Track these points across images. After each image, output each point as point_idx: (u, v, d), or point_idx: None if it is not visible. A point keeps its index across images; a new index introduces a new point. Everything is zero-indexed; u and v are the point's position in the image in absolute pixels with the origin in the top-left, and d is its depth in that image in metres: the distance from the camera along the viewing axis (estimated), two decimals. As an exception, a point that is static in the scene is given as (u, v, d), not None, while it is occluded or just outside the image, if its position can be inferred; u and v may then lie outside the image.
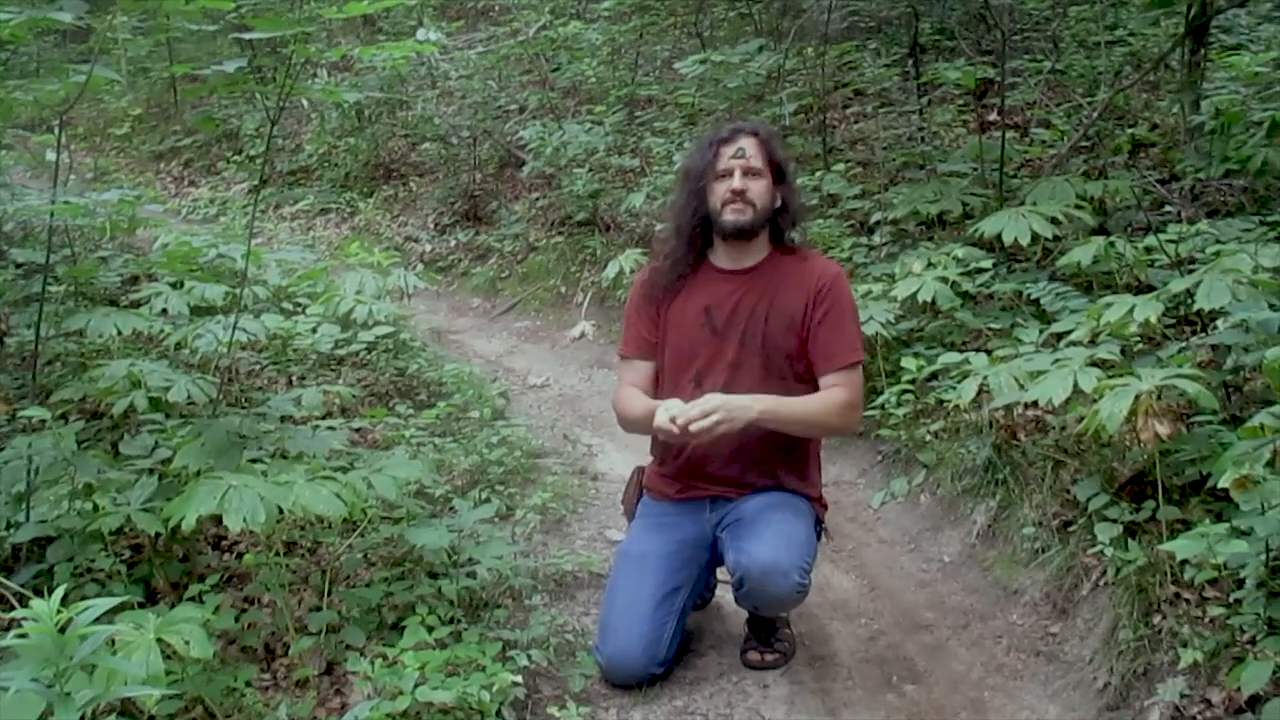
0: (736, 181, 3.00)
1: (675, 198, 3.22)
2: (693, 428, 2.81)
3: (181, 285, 4.54)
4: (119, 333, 3.99)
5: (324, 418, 4.31)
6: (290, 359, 5.18)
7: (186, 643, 2.40)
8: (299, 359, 5.18)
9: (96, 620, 1.83)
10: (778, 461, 3.09)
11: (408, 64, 8.94)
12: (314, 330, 5.19)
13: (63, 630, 1.79)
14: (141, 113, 11.86)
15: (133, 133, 11.83)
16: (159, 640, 2.37)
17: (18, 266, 5.21)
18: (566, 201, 7.55)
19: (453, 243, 8.29)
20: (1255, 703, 2.37)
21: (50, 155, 6.06)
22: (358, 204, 9.08)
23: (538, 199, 8.09)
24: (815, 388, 3.09)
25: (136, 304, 4.56)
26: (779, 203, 3.09)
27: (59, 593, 1.80)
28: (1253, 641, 2.50)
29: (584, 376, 6.10)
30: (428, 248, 8.35)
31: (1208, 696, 2.52)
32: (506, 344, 6.82)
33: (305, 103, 9.96)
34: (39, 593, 2.79)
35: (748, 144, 3.04)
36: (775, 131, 3.23)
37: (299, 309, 5.56)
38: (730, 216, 3.03)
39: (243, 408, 4.09)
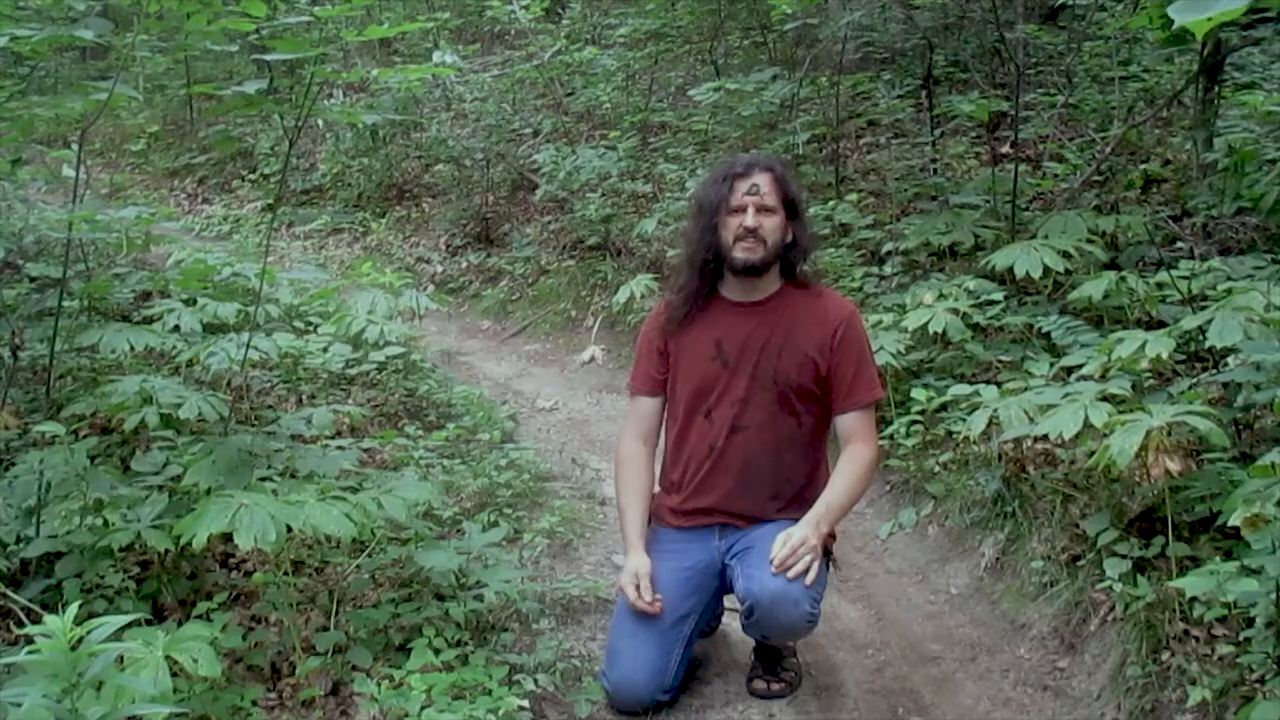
0: (749, 219, 3.01)
1: (688, 229, 3.23)
2: (790, 573, 2.85)
3: (195, 302, 4.56)
4: (132, 349, 4.01)
5: (334, 437, 4.32)
6: (301, 378, 5.20)
7: (195, 661, 2.40)
8: (310, 378, 5.19)
9: (107, 637, 1.84)
10: (786, 493, 3.10)
11: (423, 86, 9.00)
12: (325, 350, 5.20)
13: (74, 647, 1.80)
14: (158, 130, 11.94)
15: (148, 149, 11.91)
16: (167, 658, 2.38)
17: (32, 281, 5.24)
18: (578, 225, 7.58)
19: (464, 264, 8.32)
20: (1264, 743, 2.36)
21: (67, 170, 6.11)
22: (370, 224, 9.12)
23: (550, 222, 8.12)
24: (823, 420, 3.10)
25: (149, 320, 4.58)
26: (790, 238, 3.10)
27: (72, 609, 1.80)
28: (1262, 681, 2.49)
29: (593, 400, 6.10)
30: (439, 269, 8.38)
31: (1216, 735, 2.52)
32: (516, 367, 6.83)
33: (320, 123, 10.02)
34: (47, 608, 2.80)
35: (762, 180, 3.04)
36: (789, 165, 3.25)
37: (310, 328, 5.59)
38: (741, 254, 3.04)
39: (253, 426, 4.10)
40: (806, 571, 2.86)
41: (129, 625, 2.66)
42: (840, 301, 3.18)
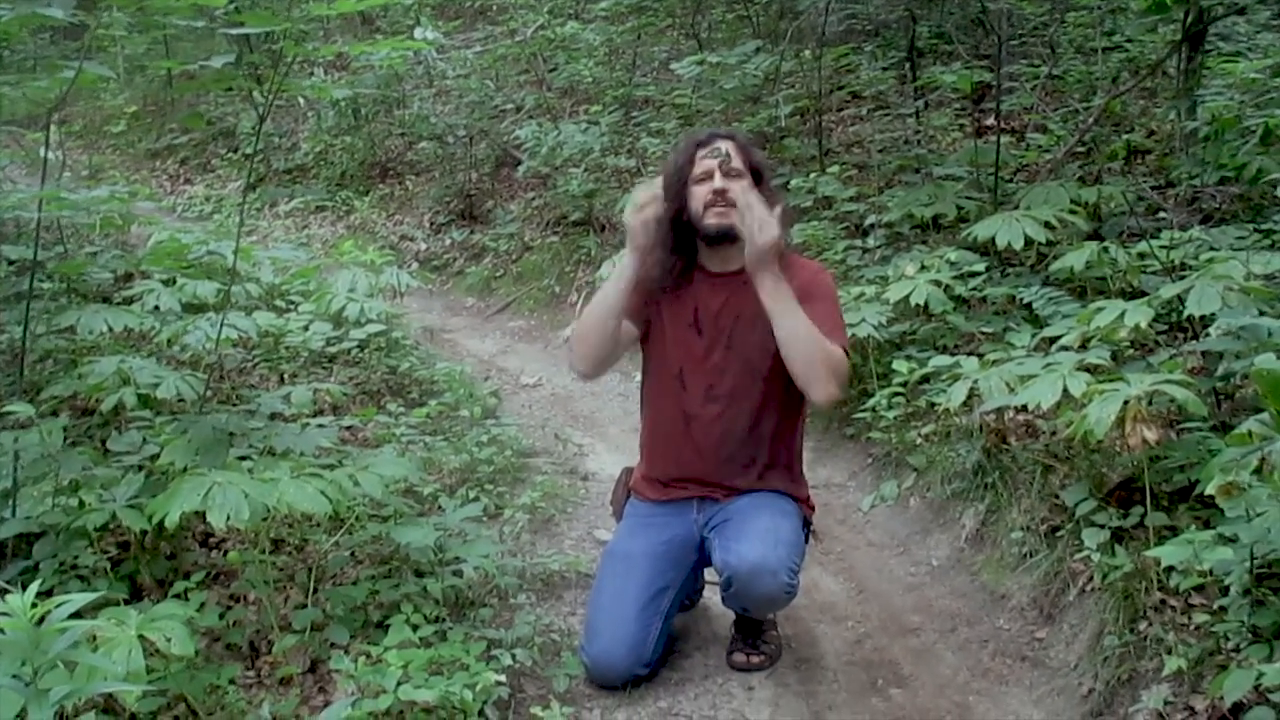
0: (717, 182, 2.99)
1: None
2: (753, 216, 2.82)
3: (174, 282, 4.53)
4: (110, 329, 3.98)
5: (315, 415, 4.30)
6: (282, 357, 5.18)
7: (168, 640, 2.39)
8: (290, 357, 5.17)
9: (77, 615, 1.82)
10: (763, 463, 3.08)
11: (405, 63, 8.93)
12: (306, 328, 5.18)
13: (40, 623, 1.78)
14: (138, 110, 11.83)
15: (129, 130, 11.81)
16: (141, 637, 2.37)
17: (10, 263, 5.20)
18: (562, 201, 7.55)
19: (448, 242, 8.28)
20: (1238, 711, 2.36)
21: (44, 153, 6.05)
22: (353, 203, 9.07)
23: (533, 199, 8.09)
24: (798, 393, 3.08)
25: (129, 301, 4.55)
26: None
27: (33, 588, 1.79)
28: (1237, 649, 2.49)
29: (576, 376, 6.07)
30: (423, 247, 8.35)
31: (1191, 704, 2.51)
32: (500, 343, 6.81)
33: (302, 101, 9.95)
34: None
35: (725, 145, 3.02)
36: (751, 137, 3.22)
37: (291, 307, 5.56)
38: (713, 220, 3.01)
39: (234, 405, 4.08)
40: (781, 543, 2.88)
41: (104, 604, 2.67)
42: (812, 265, 3.18)
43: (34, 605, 1.78)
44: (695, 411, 3.07)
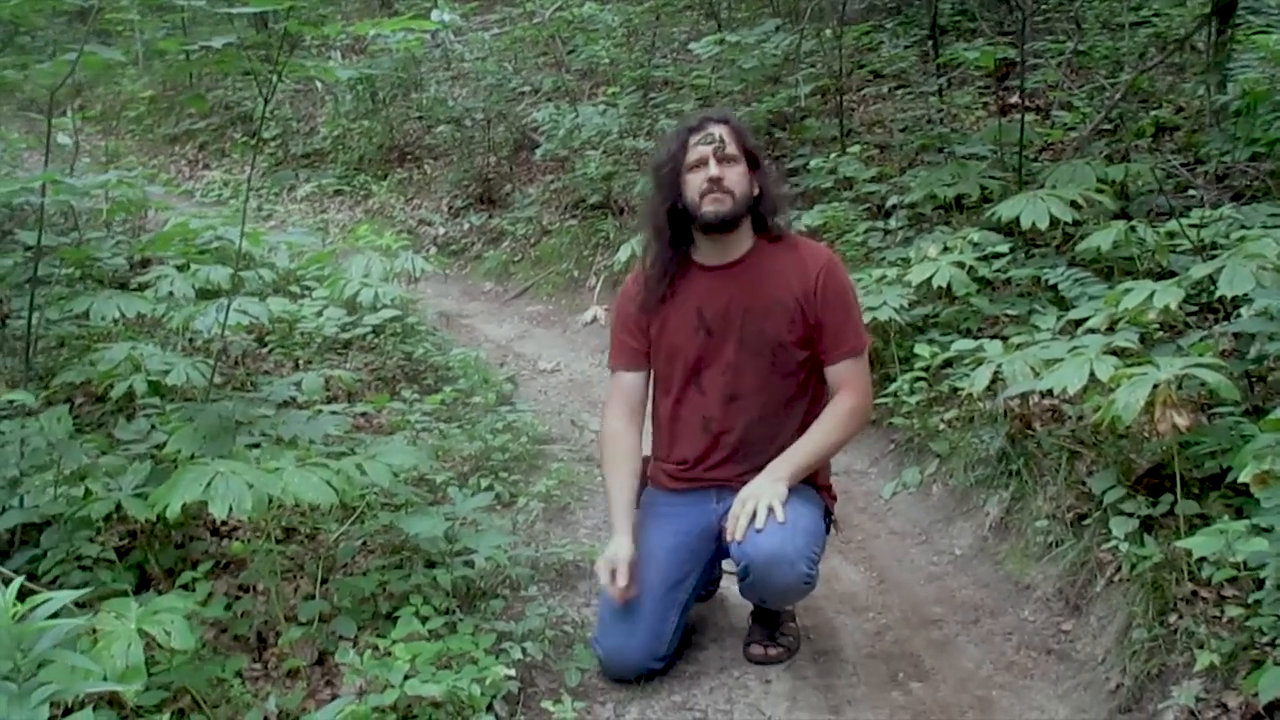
0: (713, 169, 2.89)
1: (649, 198, 3.10)
2: (739, 535, 2.78)
3: (187, 268, 4.49)
4: (122, 315, 3.94)
5: (329, 402, 4.26)
6: (297, 343, 5.13)
7: (167, 633, 2.34)
8: (305, 343, 5.13)
9: (82, 607, 1.77)
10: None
11: (422, 46, 8.87)
12: (320, 314, 5.13)
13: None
14: (155, 95, 11.82)
15: (146, 115, 11.80)
16: (141, 631, 2.32)
17: (27, 249, 5.17)
18: (580, 184, 7.47)
19: (466, 226, 8.23)
20: (1274, 709, 2.27)
21: (61, 138, 6.02)
22: (371, 187, 9.03)
23: (551, 182, 8.02)
24: (816, 378, 2.99)
25: (143, 287, 4.52)
26: (757, 190, 2.98)
27: (15, 585, 1.73)
28: (1272, 644, 2.40)
29: (595, 361, 6.02)
30: (441, 231, 8.30)
31: (1224, 701, 2.42)
32: (517, 328, 6.75)
33: (319, 85, 9.92)
34: (33, 577, 2.75)
35: (719, 130, 2.92)
36: (745, 120, 3.12)
37: (306, 292, 5.51)
38: (710, 207, 2.90)
39: (247, 392, 4.04)
40: (799, 532, 2.78)
41: (109, 595, 2.62)
42: (818, 250, 3.06)
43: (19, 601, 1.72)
44: (715, 414, 2.99)
